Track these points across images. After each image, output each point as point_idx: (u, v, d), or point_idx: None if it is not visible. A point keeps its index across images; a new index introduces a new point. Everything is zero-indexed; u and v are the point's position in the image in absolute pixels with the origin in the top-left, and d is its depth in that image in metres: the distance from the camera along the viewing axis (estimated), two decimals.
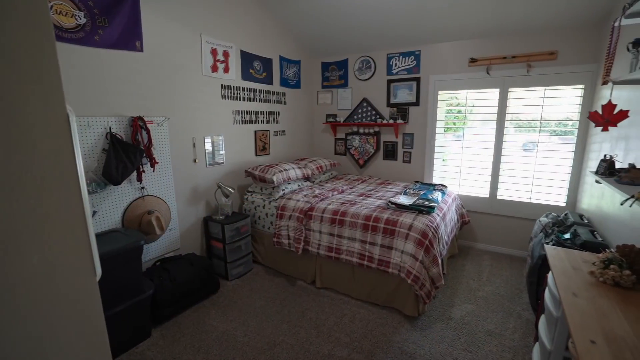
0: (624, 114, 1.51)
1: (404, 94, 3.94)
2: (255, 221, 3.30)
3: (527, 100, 3.25)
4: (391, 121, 3.97)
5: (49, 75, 0.82)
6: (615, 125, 1.56)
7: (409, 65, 3.85)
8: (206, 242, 3.13)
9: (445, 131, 3.79)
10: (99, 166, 2.21)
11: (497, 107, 3.39)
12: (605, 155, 1.65)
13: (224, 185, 2.99)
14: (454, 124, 3.74)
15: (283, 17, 3.70)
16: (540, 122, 3.20)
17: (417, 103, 3.86)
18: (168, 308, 2.40)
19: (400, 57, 3.89)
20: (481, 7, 2.95)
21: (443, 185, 3.51)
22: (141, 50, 2.43)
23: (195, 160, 2.95)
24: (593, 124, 2.42)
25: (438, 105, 3.73)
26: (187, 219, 2.95)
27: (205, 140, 3.03)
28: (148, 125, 2.45)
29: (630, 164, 1.46)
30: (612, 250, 1.52)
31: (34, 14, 0.78)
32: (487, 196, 3.59)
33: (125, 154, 2.28)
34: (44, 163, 0.83)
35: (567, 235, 2.31)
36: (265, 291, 2.84)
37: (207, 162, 3.07)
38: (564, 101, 3.10)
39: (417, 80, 3.82)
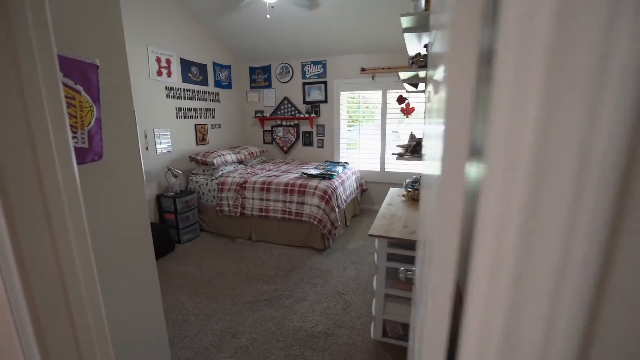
0: (413, 108, 2.75)
1: (315, 94, 5.03)
2: (200, 197, 4.08)
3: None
4: (307, 115, 5.04)
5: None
6: (410, 114, 2.80)
7: (318, 71, 4.94)
8: (159, 215, 3.82)
9: (348, 124, 4.99)
10: None
11: (380, 105, 4.67)
12: (411, 132, 2.91)
13: (173, 168, 3.72)
14: (354, 117, 4.95)
15: (215, 29, 4.48)
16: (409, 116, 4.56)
17: (326, 101, 4.98)
18: None
19: (312, 64, 4.96)
20: (366, 30, 4.13)
21: (345, 162, 4.69)
22: None
23: (147, 148, 3.62)
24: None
25: (341, 103, 4.90)
26: None
27: (155, 131, 3.71)
28: None
29: (411, 133, 2.70)
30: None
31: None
32: (379, 170, 4.88)
33: None
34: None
35: (416, 186, 3.62)
36: (212, 247, 3.68)
37: (157, 150, 3.76)
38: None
39: (325, 83, 4.93)
